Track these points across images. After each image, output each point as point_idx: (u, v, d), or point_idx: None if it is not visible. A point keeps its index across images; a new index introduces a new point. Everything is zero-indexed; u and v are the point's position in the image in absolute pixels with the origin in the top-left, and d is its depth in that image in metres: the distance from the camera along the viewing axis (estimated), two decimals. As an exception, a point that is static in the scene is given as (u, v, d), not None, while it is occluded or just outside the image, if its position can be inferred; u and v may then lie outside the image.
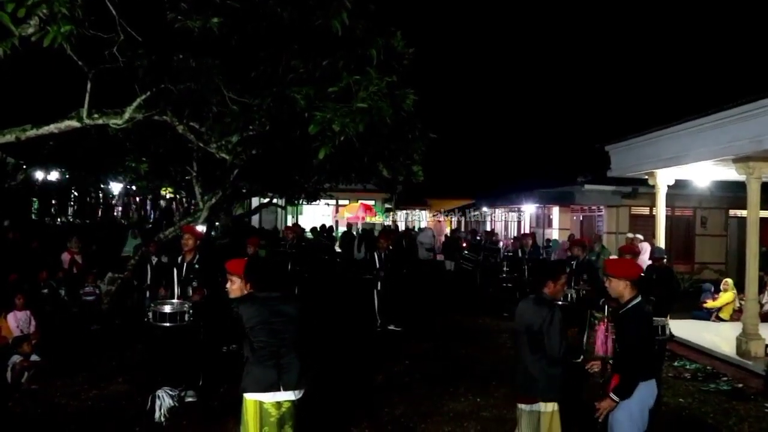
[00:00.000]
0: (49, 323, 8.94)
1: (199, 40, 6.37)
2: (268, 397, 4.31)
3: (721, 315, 11.90)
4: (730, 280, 12.32)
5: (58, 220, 23.68)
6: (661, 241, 11.71)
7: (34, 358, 7.48)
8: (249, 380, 4.35)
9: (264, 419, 4.31)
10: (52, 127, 7.02)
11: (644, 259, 11.75)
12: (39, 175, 19.75)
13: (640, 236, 13.58)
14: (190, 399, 6.77)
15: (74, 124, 7.03)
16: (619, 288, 4.59)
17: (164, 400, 6.27)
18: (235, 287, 4.76)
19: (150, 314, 6.83)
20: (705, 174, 12.55)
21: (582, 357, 9.32)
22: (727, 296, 11.98)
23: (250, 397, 4.33)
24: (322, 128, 6.36)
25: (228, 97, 7.03)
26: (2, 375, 7.28)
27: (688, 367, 9.07)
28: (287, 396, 4.36)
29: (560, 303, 9.23)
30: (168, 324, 6.73)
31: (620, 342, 4.73)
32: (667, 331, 7.22)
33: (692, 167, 11.07)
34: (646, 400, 4.55)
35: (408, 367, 8.66)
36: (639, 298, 4.59)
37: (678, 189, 13.51)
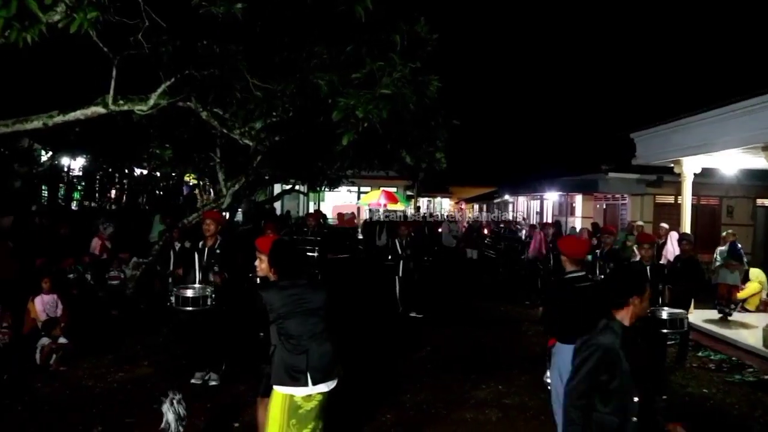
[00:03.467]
0: (76, 307, 9.09)
1: (223, 26, 6.39)
2: (299, 391, 4.09)
3: (747, 306, 11.72)
4: (757, 271, 12.12)
5: (85, 205, 23.96)
6: (686, 231, 11.55)
7: (61, 340, 7.62)
8: (278, 372, 4.13)
9: (292, 412, 4.09)
10: (79, 114, 7.09)
11: (671, 248, 11.63)
12: (65, 161, 19.99)
13: (666, 225, 13.41)
14: (213, 383, 6.85)
15: (100, 110, 7.10)
16: (565, 263, 5.30)
17: (170, 413, 5.93)
18: (264, 266, 4.56)
19: (173, 298, 6.91)
20: (733, 162, 12.33)
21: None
22: (753, 287, 11.79)
23: (280, 390, 4.11)
24: (346, 114, 6.36)
25: (252, 83, 7.06)
26: (31, 357, 7.42)
27: (712, 357, 8.97)
28: (319, 389, 4.14)
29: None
30: (191, 308, 6.81)
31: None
32: (685, 325, 7.14)
33: (720, 155, 10.87)
34: (568, 360, 4.71)
35: (430, 354, 8.68)
36: (578, 274, 5.22)
37: (704, 177, 13.28)
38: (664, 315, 6.98)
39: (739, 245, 11.24)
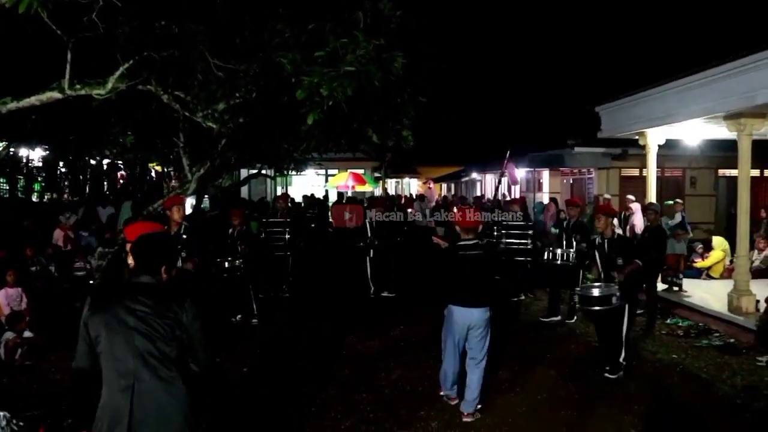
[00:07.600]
0: (40, 300, 8.88)
1: (181, 5, 6.21)
2: None
3: (711, 274, 11.96)
4: (720, 239, 12.37)
5: (46, 197, 23.42)
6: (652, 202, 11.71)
7: (26, 334, 7.44)
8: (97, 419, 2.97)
9: None
10: (33, 99, 6.83)
11: (638, 220, 11.80)
12: (23, 152, 19.50)
13: (632, 197, 13.60)
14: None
15: (56, 95, 6.85)
16: (459, 232, 5.87)
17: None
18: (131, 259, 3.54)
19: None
20: (696, 133, 12.51)
21: (575, 318, 9.38)
22: (717, 255, 12.03)
23: None
24: (310, 93, 6.24)
25: (213, 64, 6.88)
26: (-5, 352, 7.24)
27: (680, 324, 9.16)
28: None
29: (558, 263, 9.29)
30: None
31: None
32: (613, 301, 6.67)
33: (683, 126, 11.03)
34: (453, 319, 5.75)
35: (403, 332, 8.69)
36: (468, 242, 5.76)
37: (668, 149, 13.48)
38: (596, 292, 6.79)
39: (684, 215, 11.52)
